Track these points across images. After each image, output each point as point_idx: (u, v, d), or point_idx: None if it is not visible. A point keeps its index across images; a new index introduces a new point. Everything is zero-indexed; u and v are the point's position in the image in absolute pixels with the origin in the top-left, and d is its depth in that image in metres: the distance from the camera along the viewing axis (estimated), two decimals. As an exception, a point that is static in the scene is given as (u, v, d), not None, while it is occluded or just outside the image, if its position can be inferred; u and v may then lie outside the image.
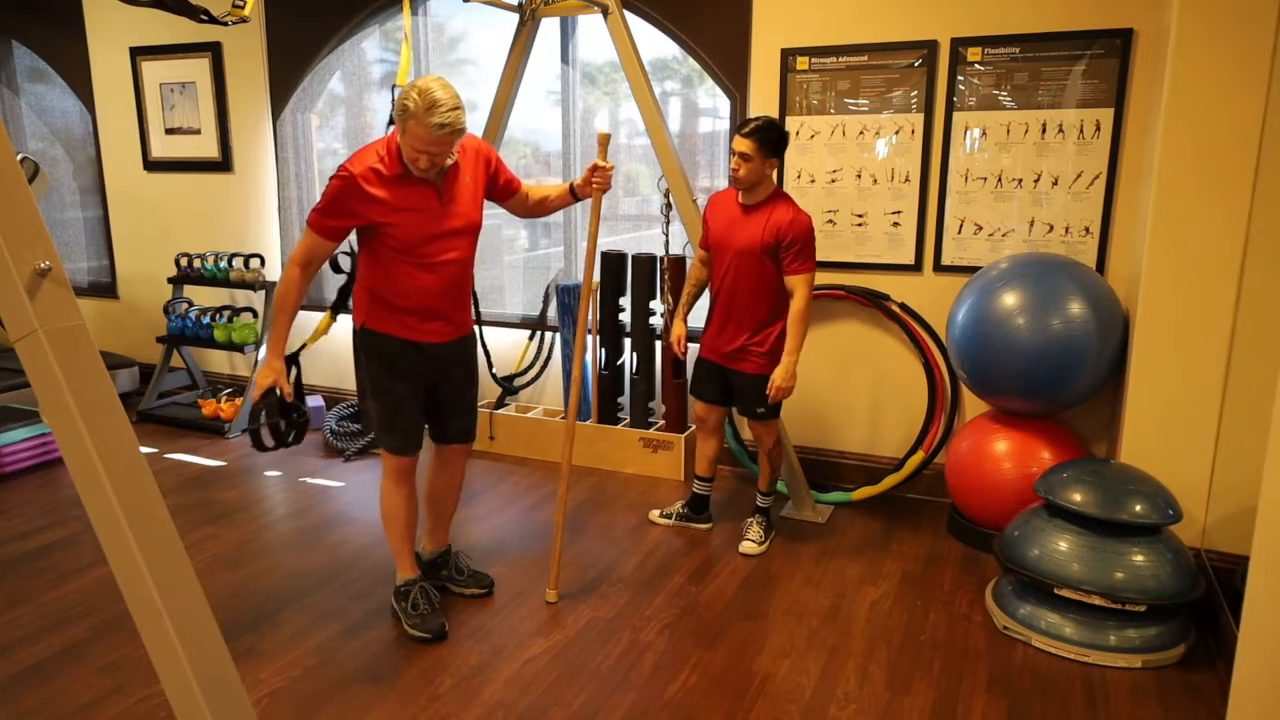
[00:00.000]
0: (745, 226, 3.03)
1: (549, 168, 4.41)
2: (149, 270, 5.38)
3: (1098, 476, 2.68)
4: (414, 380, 2.60)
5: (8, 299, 1.37)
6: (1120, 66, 3.20)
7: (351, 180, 2.39)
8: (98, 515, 1.47)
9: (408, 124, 2.32)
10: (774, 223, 2.97)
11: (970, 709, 2.33)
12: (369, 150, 2.45)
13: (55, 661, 2.52)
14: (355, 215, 2.44)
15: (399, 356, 2.56)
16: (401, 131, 2.36)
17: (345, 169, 2.40)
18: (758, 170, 2.96)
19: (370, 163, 2.42)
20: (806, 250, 2.98)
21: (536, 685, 2.42)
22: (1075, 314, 3.00)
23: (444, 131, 2.31)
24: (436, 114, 2.29)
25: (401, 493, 2.69)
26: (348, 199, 2.41)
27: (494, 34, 4.33)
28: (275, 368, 2.50)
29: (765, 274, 3.02)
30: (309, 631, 2.69)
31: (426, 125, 2.30)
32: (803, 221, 2.98)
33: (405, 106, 2.31)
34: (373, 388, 2.60)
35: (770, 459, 3.29)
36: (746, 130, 2.93)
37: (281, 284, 2.50)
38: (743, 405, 3.20)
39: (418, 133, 2.32)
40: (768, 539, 3.31)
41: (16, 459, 4.02)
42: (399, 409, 2.59)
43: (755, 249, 2.99)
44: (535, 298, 4.53)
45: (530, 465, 4.20)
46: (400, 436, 2.61)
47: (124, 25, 5.03)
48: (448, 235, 2.51)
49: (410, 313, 2.54)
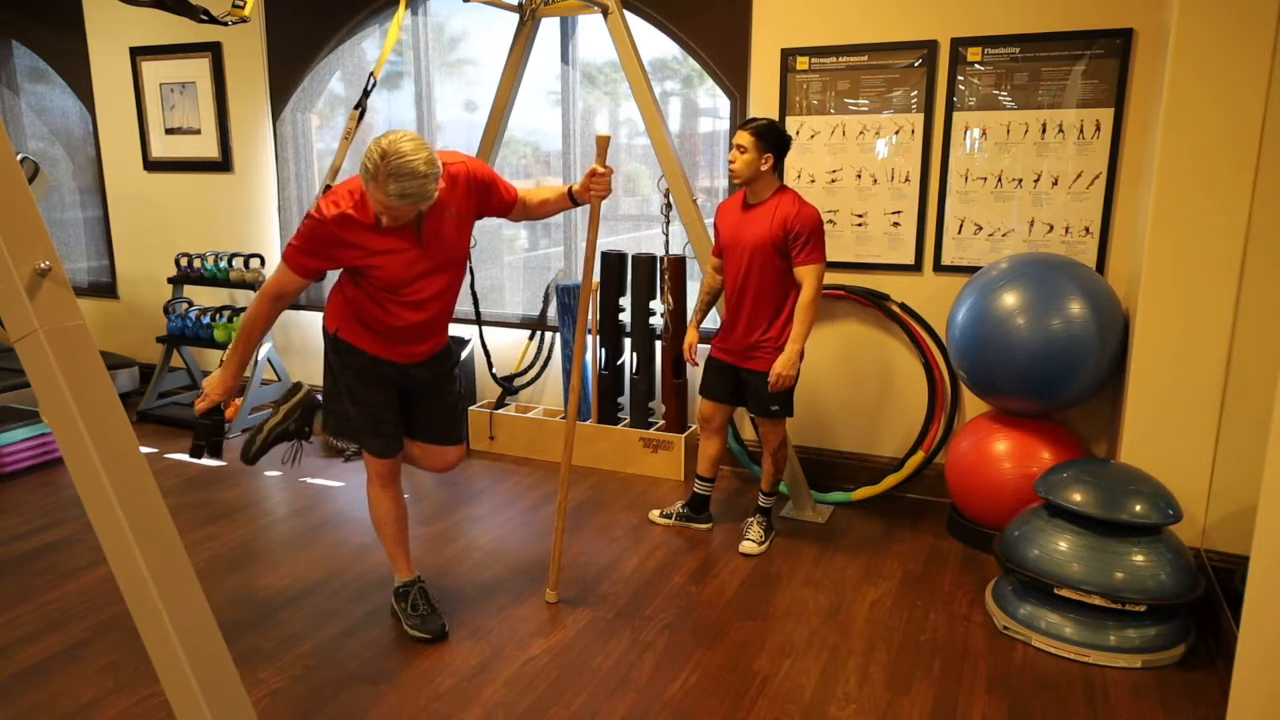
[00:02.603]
0: (753, 223, 3.03)
1: (549, 168, 4.41)
2: (149, 270, 5.38)
3: (1098, 476, 2.68)
4: (390, 388, 2.57)
5: (8, 299, 1.37)
6: (1120, 66, 3.20)
7: (323, 223, 2.27)
8: (98, 515, 1.47)
9: (367, 184, 2.15)
10: (780, 216, 2.98)
11: (970, 709, 2.33)
12: (341, 191, 2.29)
13: (55, 661, 2.52)
14: (330, 259, 2.33)
15: (373, 369, 2.52)
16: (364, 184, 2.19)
17: (318, 211, 2.27)
18: (753, 163, 2.96)
19: (344, 207, 2.27)
20: (814, 242, 2.97)
21: (536, 685, 2.42)
22: (1075, 314, 3.00)
23: (405, 202, 2.14)
24: (395, 183, 2.10)
25: (389, 495, 2.66)
26: (320, 242, 2.30)
27: (494, 34, 4.33)
28: (229, 388, 2.44)
29: (777, 270, 3.03)
30: (309, 631, 2.69)
31: (385, 192, 2.12)
32: (808, 213, 2.98)
33: (364, 165, 2.12)
34: (349, 394, 2.55)
35: (775, 459, 3.29)
36: (746, 124, 2.98)
37: (249, 313, 2.40)
38: (755, 404, 3.19)
39: (375, 196, 2.15)
40: (768, 539, 3.31)
41: (16, 459, 4.02)
42: (378, 414, 2.55)
43: (765, 244, 2.99)
44: (535, 298, 4.53)
45: (530, 465, 4.20)
46: (382, 439, 2.57)
47: (124, 25, 5.03)
48: (430, 273, 2.42)
49: (387, 338, 2.49)
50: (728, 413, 3.35)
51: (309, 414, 2.75)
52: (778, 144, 2.98)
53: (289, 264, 2.34)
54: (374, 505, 2.68)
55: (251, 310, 2.41)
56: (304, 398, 2.75)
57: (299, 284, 2.37)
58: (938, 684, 2.44)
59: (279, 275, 2.37)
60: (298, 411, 2.73)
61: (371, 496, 2.68)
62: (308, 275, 2.36)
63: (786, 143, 3.01)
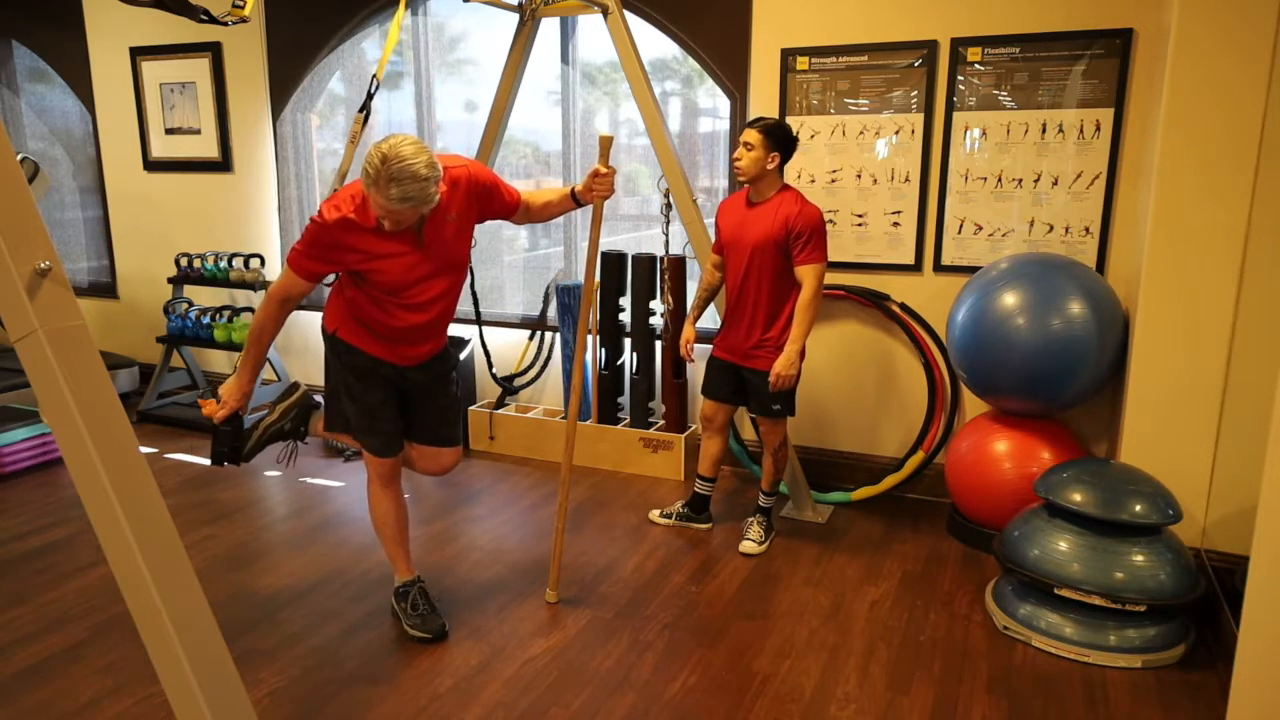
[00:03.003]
0: (756, 222, 3.03)
1: (549, 168, 4.41)
2: (149, 270, 5.38)
3: (1098, 476, 2.68)
4: (389, 387, 2.57)
5: (8, 299, 1.37)
6: (1120, 66, 3.20)
7: (325, 228, 2.29)
8: (98, 515, 1.47)
9: (368, 188, 2.16)
10: (782, 215, 2.98)
11: (970, 709, 2.33)
12: (343, 196, 2.31)
13: (55, 661, 2.52)
14: (333, 262, 2.35)
15: (372, 370, 2.54)
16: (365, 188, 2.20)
17: (320, 215, 2.30)
18: (759, 161, 2.96)
19: (345, 211, 2.28)
20: (815, 241, 2.97)
21: (536, 685, 2.42)
22: (1075, 314, 3.00)
23: (407, 205, 2.15)
24: (396, 187, 2.11)
25: (389, 495, 2.67)
26: (323, 247, 2.32)
27: (494, 34, 4.33)
28: (246, 394, 2.47)
29: (780, 270, 3.03)
30: (309, 631, 2.69)
31: (386, 196, 2.13)
32: (810, 213, 2.98)
33: (365, 170, 2.14)
34: (348, 393, 2.57)
35: (775, 459, 3.29)
36: (755, 122, 2.99)
37: (259, 317, 2.42)
38: (757, 403, 3.19)
39: (377, 200, 2.16)
40: (768, 539, 3.31)
41: (16, 459, 4.02)
42: (376, 413, 2.56)
43: (767, 243, 3.00)
44: (535, 298, 4.53)
45: (530, 465, 4.20)
46: (380, 438, 2.59)
47: (124, 25, 5.03)
48: (432, 276, 2.43)
49: (386, 339, 2.50)
50: (729, 412, 3.35)
51: (305, 414, 2.76)
52: (785, 143, 2.99)
53: (293, 268, 2.36)
54: (374, 505, 2.69)
55: (259, 315, 2.43)
56: (300, 397, 2.76)
57: (304, 287, 2.39)
58: (938, 684, 2.44)
59: (284, 279, 2.39)
60: (294, 411, 2.74)
61: (372, 496, 2.69)
62: (312, 279, 2.38)
63: (794, 143, 3.02)
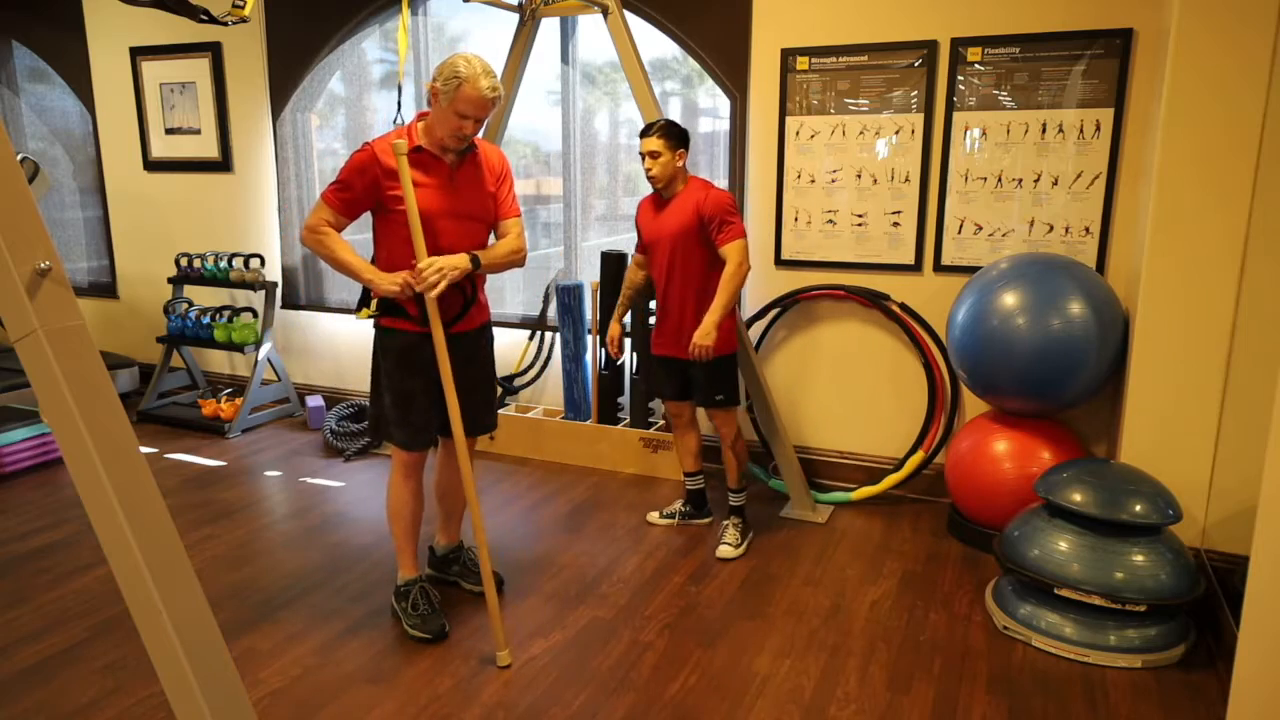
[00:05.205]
0: (670, 217, 3.12)
1: (549, 168, 4.41)
2: (149, 270, 5.38)
3: (1098, 476, 2.68)
4: (427, 376, 2.59)
5: (8, 299, 1.37)
6: (1120, 66, 3.20)
7: (372, 153, 2.48)
8: (98, 515, 1.47)
9: (460, 89, 2.39)
10: (692, 204, 3.08)
11: (970, 709, 2.33)
12: (385, 135, 2.53)
13: (55, 661, 2.52)
14: (365, 190, 2.48)
15: (412, 350, 2.57)
16: (447, 102, 2.41)
17: (366, 145, 2.51)
18: (669, 165, 3.08)
19: (387, 138, 2.50)
20: (729, 219, 3.05)
21: (536, 685, 2.42)
22: (1075, 314, 3.00)
23: (494, 94, 2.43)
24: (486, 78, 2.42)
25: (409, 488, 2.70)
26: (358, 171, 2.47)
27: (494, 34, 4.33)
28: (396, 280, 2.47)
29: (700, 258, 3.10)
30: (309, 631, 2.69)
31: (479, 89, 2.40)
32: (717, 196, 3.06)
33: (456, 73, 2.38)
34: (387, 381, 2.63)
35: (735, 453, 3.30)
36: (648, 131, 3.08)
37: (316, 244, 2.50)
38: (701, 395, 3.22)
39: (470, 95, 2.40)
40: (745, 540, 3.30)
41: (16, 459, 4.02)
42: (410, 403, 2.61)
43: (683, 234, 3.08)
44: (535, 298, 4.53)
45: (530, 465, 4.20)
46: (410, 430, 2.62)
47: (124, 25, 5.03)
48: (459, 216, 2.55)
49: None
50: (692, 406, 3.38)
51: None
52: (682, 138, 3.11)
53: (327, 202, 2.50)
54: (392, 495, 2.72)
55: (315, 243, 2.51)
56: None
57: (339, 221, 2.52)
58: (938, 684, 2.44)
59: (318, 212, 2.51)
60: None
61: (391, 486, 2.72)
62: (345, 211, 2.51)
63: (687, 135, 3.13)
